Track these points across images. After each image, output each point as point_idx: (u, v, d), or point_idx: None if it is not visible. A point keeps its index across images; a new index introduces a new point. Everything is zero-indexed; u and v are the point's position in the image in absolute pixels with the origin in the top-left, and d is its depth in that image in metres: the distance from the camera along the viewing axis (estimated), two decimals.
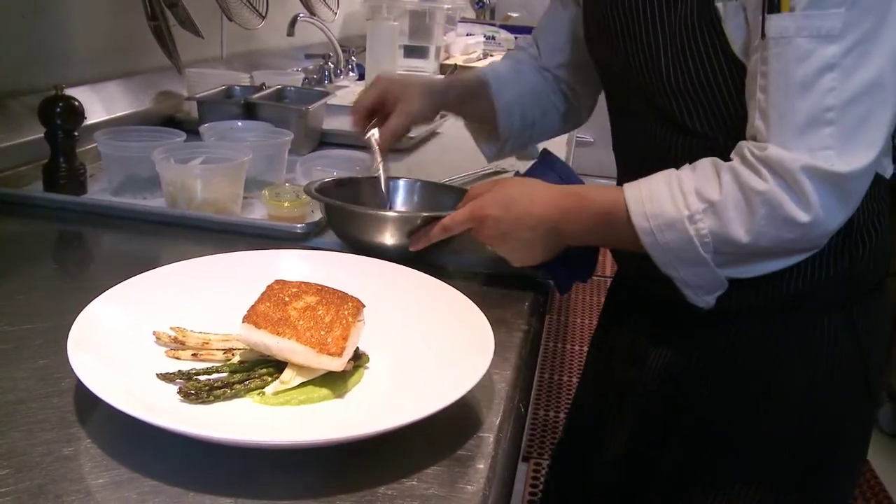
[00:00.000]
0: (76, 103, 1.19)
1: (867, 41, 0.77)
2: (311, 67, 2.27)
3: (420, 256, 0.94)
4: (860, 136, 0.78)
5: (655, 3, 0.91)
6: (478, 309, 0.76)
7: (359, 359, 0.71)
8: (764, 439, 0.96)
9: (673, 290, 0.86)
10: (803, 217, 0.78)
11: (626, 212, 0.84)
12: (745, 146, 0.81)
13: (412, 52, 2.70)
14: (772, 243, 0.80)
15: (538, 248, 0.91)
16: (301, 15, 2.06)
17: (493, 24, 3.89)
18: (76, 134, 1.19)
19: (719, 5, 0.85)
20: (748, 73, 0.84)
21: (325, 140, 1.53)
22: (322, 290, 0.71)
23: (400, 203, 1.09)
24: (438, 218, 0.93)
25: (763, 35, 0.80)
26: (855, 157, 0.77)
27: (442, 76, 2.03)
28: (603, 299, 1.23)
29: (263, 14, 1.78)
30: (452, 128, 1.73)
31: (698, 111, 0.91)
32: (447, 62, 2.79)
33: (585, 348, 1.65)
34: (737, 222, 0.80)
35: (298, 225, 1.04)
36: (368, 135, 1.08)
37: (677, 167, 0.86)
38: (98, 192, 1.21)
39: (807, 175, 0.77)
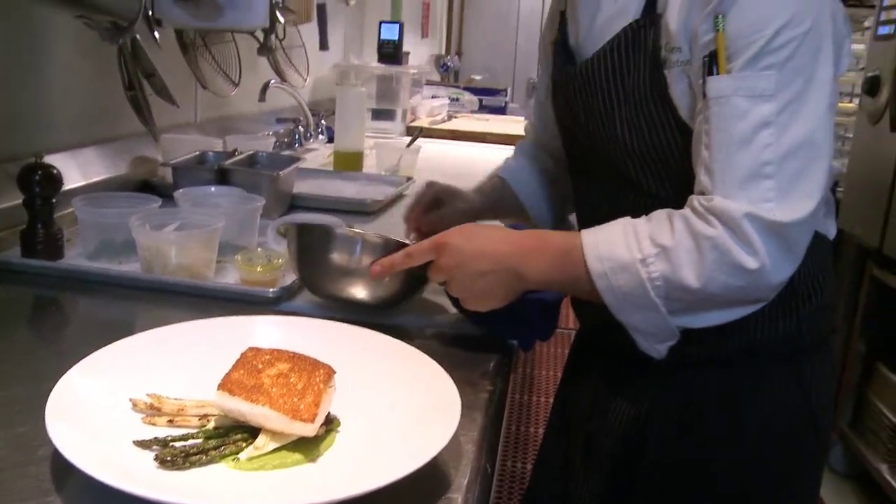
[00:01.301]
0: (54, 171, 1.22)
1: (798, 100, 0.84)
2: (282, 131, 2.33)
3: (388, 317, 0.97)
4: (798, 189, 0.84)
5: (611, 71, 0.98)
6: (444, 371, 0.80)
7: (330, 423, 0.74)
8: (721, 483, 1.01)
9: (630, 341, 0.90)
10: (751, 264, 0.82)
11: (582, 254, 0.88)
12: (693, 198, 0.87)
13: (380, 114, 2.78)
14: (721, 290, 0.84)
15: (496, 287, 0.92)
16: (273, 81, 2.12)
17: (458, 87, 4.00)
18: (54, 201, 1.22)
19: (666, 73, 0.92)
20: (693, 134, 0.91)
21: (296, 203, 1.57)
22: (294, 358, 0.75)
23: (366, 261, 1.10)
24: (404, 245, 0.96)
25: (704, 96, 0.86)
26: (794, 208, 0.83)
27: (409, 138, 2.09)
28: (567, 352, 1.28)
29: (236, 82, 1.84)
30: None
31: (654, 173, 0.98)
32: (413, 124, 2.86)
33: (551, 400, 1.69)
34: (687, 267, 0.84)
35: (270, 289, 1.08)
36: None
37: None
38: (75, 256, 1.23)
39: (751, 223, 0.82)
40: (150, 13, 1.52)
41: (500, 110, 3.88)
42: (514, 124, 3.10)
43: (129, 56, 1.39)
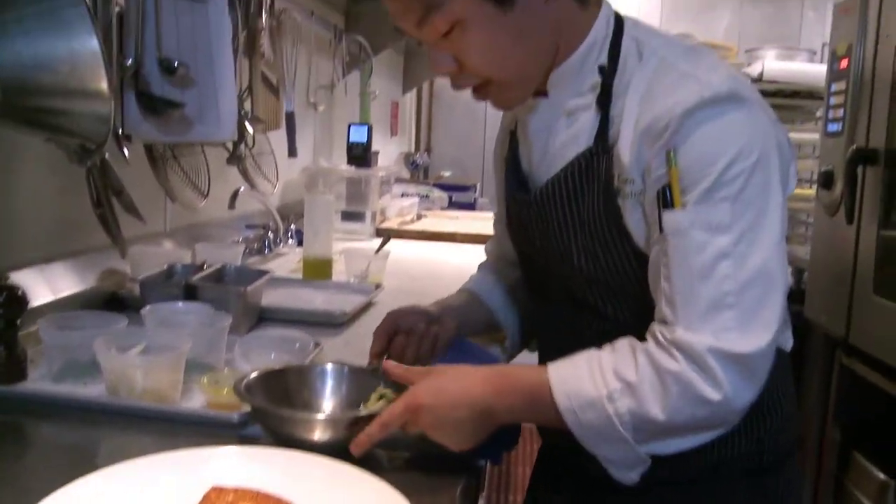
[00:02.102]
0: (19, 293, 1.21)
1: (753, 230, 0.87)
2: (252, 237, 2.34)
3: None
4: (758, 318, 0.86)
5: (565, 199, 1.00)
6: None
7: None
8: None
9: (597, 464, 0.91)
10: (714, 395, 0.84)
11: (550, 391, 0.90)
12: (656, 329, 0.89)
13: (349, 216, 2.81)
14: (687, 420, 0.86)
15: (473, 429, 0.93)
16: (242, 189, 2.14)
17: (427, 184, 4.06)
18: (18, 322, 1.21)
19: (620, 202, 0.95)
20: (650, 263, 0.93)
21: (265, 316, 1.57)
22: (258, 497, 0.74)
23: (328, 394, 1.09)
24: (370, 416, 0.94)
25: (661, 229, 0.89)
26: (755, 337, 0.86)
27: (382, 239, 2.11)
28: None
29: (206, 193, 1.86)
30: (387, 297, 1.79)
31: (612, 298, 1.00)
32: (383, 226, 2.89)
33: None
34: (653, 401, 0.86)
35: (236, 413, 1.07)
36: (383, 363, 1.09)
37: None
38: (38, 378, 1.22)
39: (713, 356, 0.84)
40: (120, 131, 1.55)
41: (470, 206, 3.94)
42: (484, 222, 3.14)
43: (97, 174, 1.41)
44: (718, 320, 0.85)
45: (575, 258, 1.00)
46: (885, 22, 2.04)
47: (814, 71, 3.49)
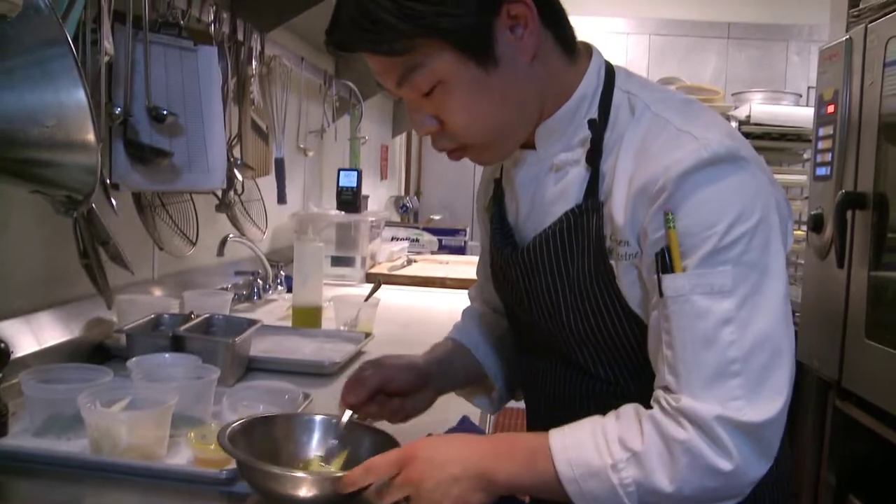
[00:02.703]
0: (2, 346, 1.20)
1: (756, 294, 0.84)
2: (241, 283, 2.33)
3: None
4: (766, 385, 0.83)
5: (553, 257, 0.98)
6: None
7: None
8: None
9: None
10: (725, 466, 0.81)
11: (552, 458, 0.85)
12: (661, 396, 0.85)
13: (339, 261, 2.80)
14: (695, 492, 0.82)
15: (468, 490, 0.88)
16: (231, 236, 2.13)
17: (417, 227, 4.06)
18: (1, 374, 1.19)
19: (613, 263, 0.93)
20: (649, 328, 0.90)
21: (253, 366, 1.55)
22: None
23: (314, 445, 1.07)
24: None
25: (661, 294, 0.86)
26: (765, 406, 0.82)
27: (372, 286, 2.10)
28: None
29: (194, 241, 1.85)
30: (377, 346, 1.77)
31: (603, 359, 0.97)
32: (373, 270, 2.88)
33: None
34: (660, 471, 0.82)
35: (223, 470, 1.04)
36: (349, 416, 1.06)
37: (586, 411, 0.90)
38: (20, 432, 1.19)
39: (721, 425, 0.81)
40: (108, 180, 1.55)
41: (460, 250, 3.94)
42: (474, 266, 3.13)
43: (83, 225, 1.40)
44: (724, 389, 0.82)
45: (564, 317, 0.97)
46: (868, 68, 2.07)
47: (800, 114, 3.54)
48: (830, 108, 2.22)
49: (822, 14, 2.89)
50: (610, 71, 1.00)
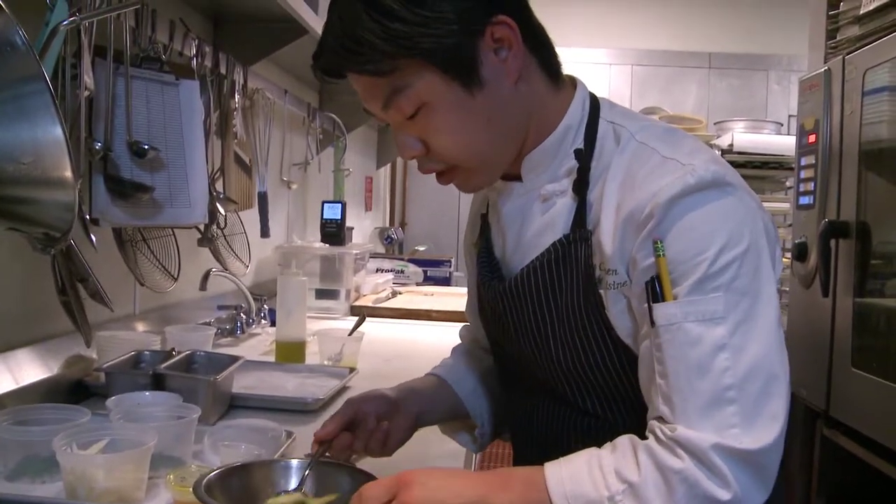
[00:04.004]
0: None
1: (748, 320, 0.83)
2: (224, 317, 2.30)
3: None
4: (763, 411, 0.82)
5: (541, 288, 0.97)
6: None
7: None
8: None
9: None
10: (723, 495, 0.79)
11: (547, 492, 0.84)
12: (656, 427, 0.84)
13: (323, 294, 2.78)
14: None
15: None
16: (214, 270, 2.11)
17: (402, 258, 4.05)
18: None
19: (602, 292, 0.92)
20: (640, 359, 0.89)
21: (235, 404, 1.52)
22: None
23: (293, 486, 1.02)
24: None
25: (652, 323, 0.85)
26: (762, 433, 0.81)
27: (357, 320, 2.08)
28: None
29: (176, 276, 1.83)
30: (362, 380, 1.75)
31: (591, 393, 0.96)
32: (357, 303, 2.86)
33: None
34: (657, 502, 0.80)
35: None
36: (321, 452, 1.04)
37: (576, 448, 0.89)
38: None
39: (718, 454, 0.79)
40: (87, 216, 1.53)
41: (445, 281, 3.93)
42: (459, 298, 3.12)
43: (61, 261, 1.38)
44: (720, 416, 0.81)
45: (553, 351, 0.96)
46: (848, 98, 2.08)
47: (781, 142, 3.57)
48: (812, 138, 2.24)
49: (800, 44, 2.92)
50: (594, 102, 1.01)
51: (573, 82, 1.03)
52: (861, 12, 2.10)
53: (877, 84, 1.95)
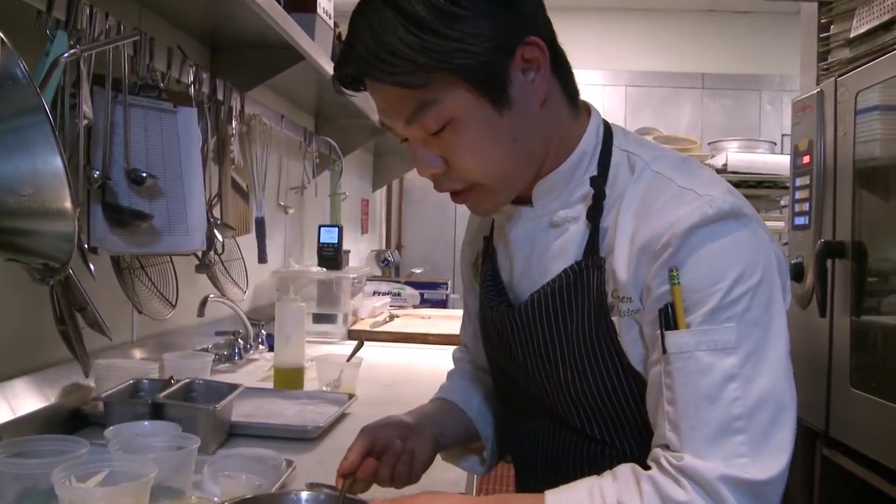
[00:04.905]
0: None
1: (759, 351, 0.84)
2: (221, 342, 2.30)
3: None
4: (770, 442, 0.82)
5: (552, 313, 0.97)
6: None
7: None
8: None
9: None
10: None
11: None
12: (661, 455, 0.84)
13: (321, 318, 2.78)
14: None
15: None
16: (211, 296, 2.11)
17: (399, 281, 4.05)
18: None
19: (615, 319, 0.92)
20: (649, 384, 0.89)
21: (235, 431, 1.52)
22: None
23: None
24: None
25: (664, 350, 0.85)
26: (769, 463, 0.81)
27: (355, 346, 2.07)
28: None
29: (174, 304, 1.82)
30: (361, 407, 1.75)
31: (598, 419, 0.95)
32: (355, 327, 2.86)
33: None
34: None
35: None
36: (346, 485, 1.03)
37: (579, 473, 0.89)
38: None
39: (724, 484, 0.79)
40: (86, 245, 1.52)
41: (442, 303, 3.93)
42: (455, 321, 3.12)
43: (60, 291, 1.37)
44: (728, 446, 0.81)
45: (561, 376, 0.96)
46: (841, 119, 2.10)
47: (775, 161, 3.59)
48: (806, 159, 2.25)
49: (792, 63, 2.94)
50: (608, 130, 1.02)
51: (587, 108, 1.04)
52: (851, 35, 2.12)
53: (870, 103, 1.97)
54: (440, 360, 2.41)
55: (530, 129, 0.95)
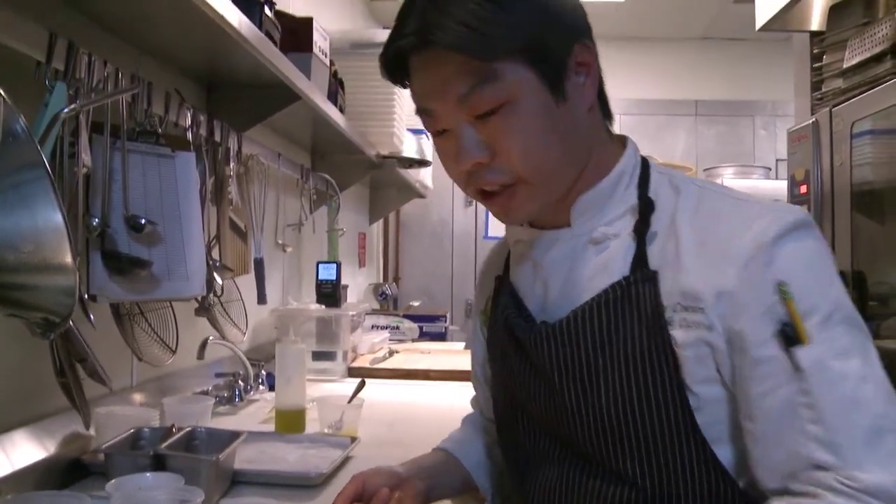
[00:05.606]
0: None
1: (867, 349, 0.85)
2: (221, 384, 2.28)
3: None
4: None
5: (597, 330, 0.93)
6: None
7: None
8: None
9: None
10: None
11: None
12: (832, 479, 0.81)
13: (320, 356, 2.76)
14: None
15: None
16: (211, 338, 2.10)
17: (397, 314, 4.04)
18: None
19: (672, 333, 0.89)
20: (775, 410, 0.85)
21: (237, 478, 1.50)
22: None
23: None
24: None
25: (797, 368, 0.83)
26: None
27: (356, 386, 2.06)
28: None
29: (174, 349, 1.81)
30: (364, 450, 1.73)
31: (632, 451, 0.91)
32: (355, 365, 2.84)
33: None
34: None
35: None
36: None
37: None
38: None
39: None
40: (86, 294, 1.52)
41: (441, 336, 3.92)
42: (456, 355, 3.11)
43: (60, 343, 1.36)
44: (882, 445, 0.81)
45: (602, 398, 0.92)
46: (836, 149, 2.11)
47: (770, 187, 3.62)
48: (803, 189, 2.26)
49: (784, 89, 2.96)
50: (643, 158, 1.05)
51: (622, 139, 1.06)
52: (844, 66, 2.14)
53: (864, 127, 1.98)
54: (442, 398, 2.40)
55: (578, 131, 0.96)
